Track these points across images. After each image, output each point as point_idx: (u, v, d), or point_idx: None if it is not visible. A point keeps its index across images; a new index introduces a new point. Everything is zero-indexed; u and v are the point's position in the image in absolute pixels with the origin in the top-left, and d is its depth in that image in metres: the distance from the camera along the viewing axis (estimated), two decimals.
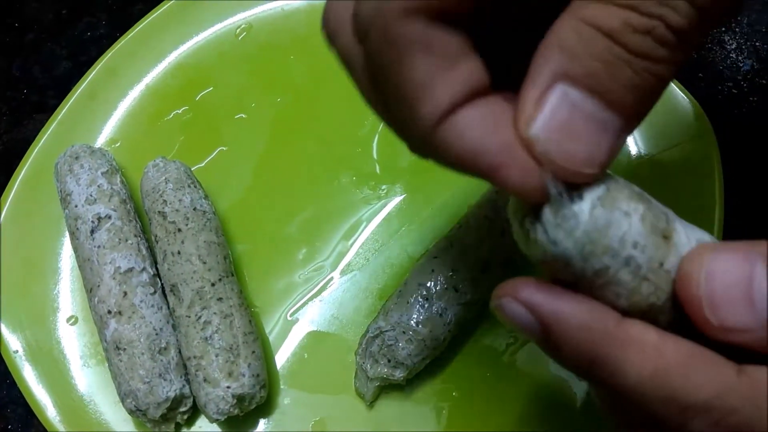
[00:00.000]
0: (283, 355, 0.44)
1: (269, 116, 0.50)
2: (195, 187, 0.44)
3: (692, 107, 0.44)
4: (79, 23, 0.57)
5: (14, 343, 0.44)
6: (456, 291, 0.39)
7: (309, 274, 0.45)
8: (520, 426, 0.40)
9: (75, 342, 0.44)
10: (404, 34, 0.20)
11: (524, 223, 0.23)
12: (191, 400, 0.41)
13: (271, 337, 0.44)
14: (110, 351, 0.41)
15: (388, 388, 0.41)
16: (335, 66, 0.52)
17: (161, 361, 0.40)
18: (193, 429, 0.42)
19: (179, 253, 0.42)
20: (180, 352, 0.41)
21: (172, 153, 0.49)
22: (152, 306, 0.41)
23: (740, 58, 0.50)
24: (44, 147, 0.49)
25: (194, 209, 0.43)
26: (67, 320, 0.45)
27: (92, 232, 0.43)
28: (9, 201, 0.47)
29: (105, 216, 0.43)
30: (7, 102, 0.55)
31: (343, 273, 0.45)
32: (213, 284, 0.41)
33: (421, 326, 0.39)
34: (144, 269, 0.42)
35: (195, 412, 0.42)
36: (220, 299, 0.41)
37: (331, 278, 0.45)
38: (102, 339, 0.42)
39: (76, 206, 0.44)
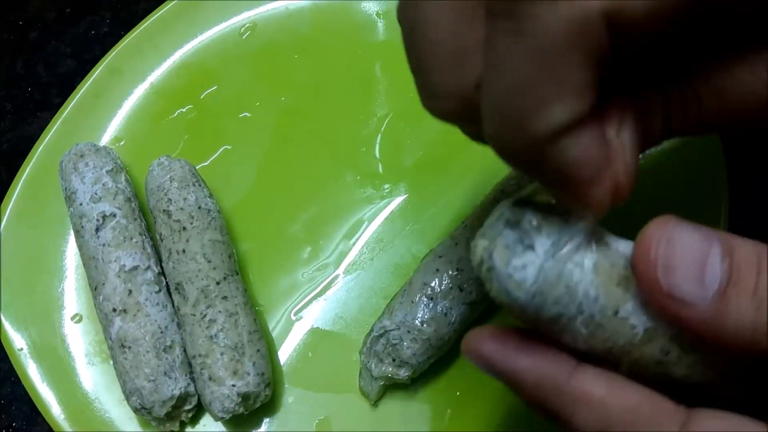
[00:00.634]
0: (287, 354, 0.44)
1: (273, 115, 0.50)
2: (200, 185, 0.44)
3: None
4: (82, 21, 0.57)
5: (19, 340, 0.44)
6: (461, 290, 0.40)
7: (313, 273, 0.46)
8: (525, 426, 0.40)
9: (80, 340, 0.45)
10: (593, 35, 0.20)
11: (481, 270, 0.24)
12: (196, 398, 0.41)
13: (275, 336, 0.44)
14: (115, 349, 0.41)
15: (392, 387, 0.42)
16: (340, 65, 0.53)
17: (166, 359, 0.40)
18: (197, 427, 0.42)
19: (184, 251, 0.42)
20: (185, 350, 0.41)
21: (177, 152, 0.49)
22: (157, 304, 0.42)
23: None
24: (48, 145, 0.49)
25: (199, 208, 0.43)
26: (72, 318, 0.45)
27: (97, 230, 0.43)
28: (13, 199, 0.47)
29: (110, 214, 0.43)
30: (11, 100, 0.55)
31: (347, 272, 0.45)
32: (218, 283, 0.41)
33: (426, 325, 0.39)
34: (149, 267, 0.42)
35: (199, 411, 0.42)
36: (225, 298, 0.41)
37: (336, 277, 0.45)
38: (107, 337, 0.42)
39: (81, 204, 0.44)
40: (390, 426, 0.41)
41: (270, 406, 0.42)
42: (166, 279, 0.43)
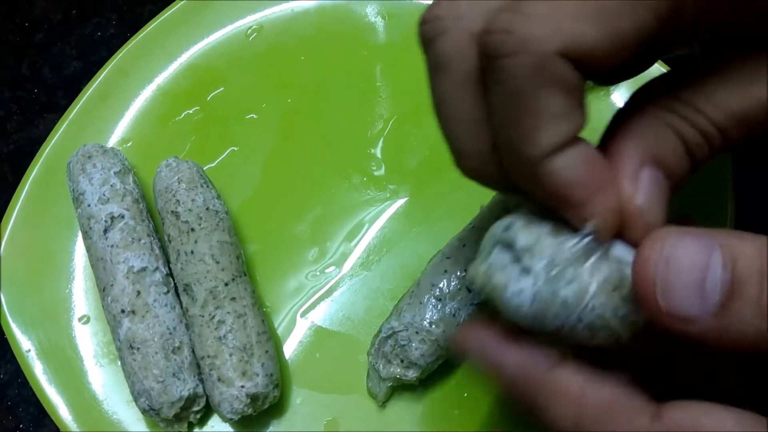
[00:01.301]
0: (294, 355, 0.44)
1: (280, 116, 0.50)
2: (207, 186, 0.44)
3: None
4: (88, 23, 0.57)
5: (26, 342, 0.44)
6: (469, 291, 0.40)
7: (320, 274, 0.46)
8: (533, 428, 0.40)
9: (87, 341, 0.45)
10: (553, 71, 0.22)
11: (482, 293, 0.25)
12: (204, 399, 0.41)
13: (282, 337, 0.44)
14: (123, 350, 0.41)
15: (400, 388, 0.42)
16: (345, 67, 0.53)
17: (175, 360, 0.40)
18: (205, 428, 0.42)
19: (192, 252, 0.42)
20: (193, 351, 0.41)
21: (184, 153, 0.49)
22: (166, 305, 0.42)
23: None
24: (56, 147, 0.49)
25: (207, 209, 0.43)
26: (80, 319, 0.45)
27: (105, 231, 0.43)
28: (20, 200, 0.47)
29: (118, 215, 0.43)
30: (17, 101, 0.55)
31: (354, 273, 0.45)
32: (226, 284, 0.41)
33: (434, 326, 0.39)
34: (157, 269, 0.42)
35: (207, 412, 0.42)
36: (233, 299, 0.41)
37: (343, 278, 0.45)
38: (115, 338, 0.42)
39: (89, 205, 0.44)
40: (398, 427, 0.41)
41: (278, 407, 0.42)
42: (174, 280, 0.43)
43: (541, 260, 0.23)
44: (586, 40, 0.22)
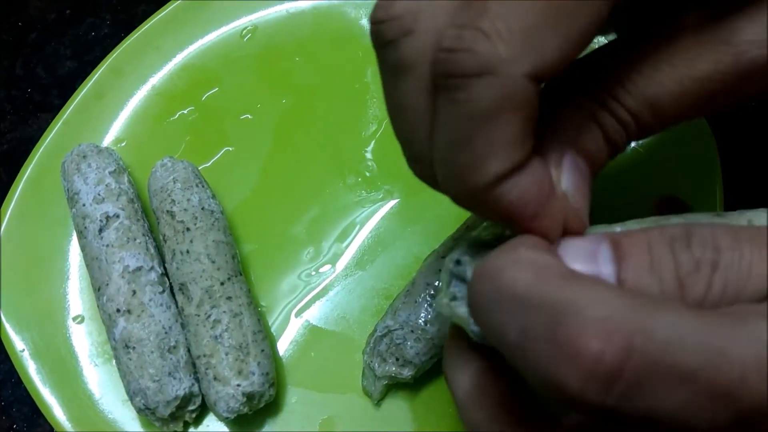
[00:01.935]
0: (290, 354, 0.44)
1: (275, 117, 0.50)
2: (203, 186, 0.45)
3: None
4: (82, 23, 0.57)
5: (20, 342, 0.44)
6: None
7: (315, 273, 0.46)
8: None
9: (82, 341, 0.45)
10: (521, 95, 0.21)
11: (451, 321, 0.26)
12: (200, 398, 0.41)
13: (277, 336, 0.44)
14: (119, 349, 0.41)
15: (395, 386, 0.42)
16: (340, 68, 0.53)
17: (171, 359, 0.40)
18: (200, 428, 0.42)
19: (188, 252, 0.42)
20: (189, 350, 0.41)
21: (178, 153, 0.49)
22: (161, 305, 0.42)
23: None
24: (50, 146, 0.49)
25: (202, 209, 0.43)
26: (74, 319, 0.45)
27: (100, 231, 0.43)
28: (14, 200, 0.47)
29: (113, 215, 0.43)
30: (11, 101, 0.55)
31: (349, 273, 0.46)
32: (222, 283, 0.41)
33: (429, 325, 0.39)
34: (152, 268, 0.42)
35: (203, 411, 0.42)
36: (229, 298, 0.41)
37: (337, 278, 0.46)
38: (110, 338, 0.42)
39: (84, 205, 0.44)
40: (393, 425, 0.41)
41: (273, 406, 0.42)
42: (169, 280, 0.43)
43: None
44: (553, 54, 0.21)
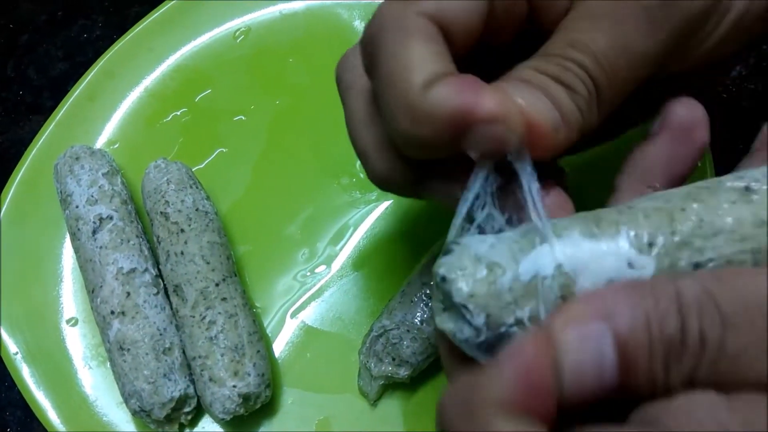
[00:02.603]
0: (285, 355, 0.44)
1: (268, 118, 0.50)
2: (197, 187, 0.44)
3: None
4: (74, 25, 0.57)
5: (13, 345, 0.44)
6: None
7: (310, 274, 0.46)
8: None
9: (76, 343, 0.44)
10: (412, 23, 0.26)
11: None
12: (195, 400, 0.41)
13: (272, 337, 0.44)
14: (113, 352, 0.41)
15: (391, 386, 0.42)
16: (333, 69, 0.52)
17: (165, 361, 0.40)
18: (196, 429, 0.42)
19: (182, 253, 0.42)
20: (184, 352, 0.41)
21: (172, 154, 0.49)
22: (155, 306, 0.41)
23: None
24: (42, 148, 0.49)
25: (196, 210, 0.43)
26: (68, 321, 0.45)
27: (94, 232, 0.43)
28: (7, 202, 0.47)
29: (107, 217, 0.43)
30: (2, 103, 0.55)
31: (344, 273, 0.46)
32: (217, 284, 0.41)
33: (425, 325, 0.40)
34: (146, 270, 0.42)
35: (198, 413, 0.42)
36: (224, 299, 0.41)
37: (333, 278, 0.46)
38: (105, 340, 0.41)
39: (77, 207, 0.43)
40: (390, 425, 0.41)
41: (269, 407, 0.42)
42: (163, 281, 0.43)
43: (479, 316, 0.24)
44: (448, 12, 0.26)
